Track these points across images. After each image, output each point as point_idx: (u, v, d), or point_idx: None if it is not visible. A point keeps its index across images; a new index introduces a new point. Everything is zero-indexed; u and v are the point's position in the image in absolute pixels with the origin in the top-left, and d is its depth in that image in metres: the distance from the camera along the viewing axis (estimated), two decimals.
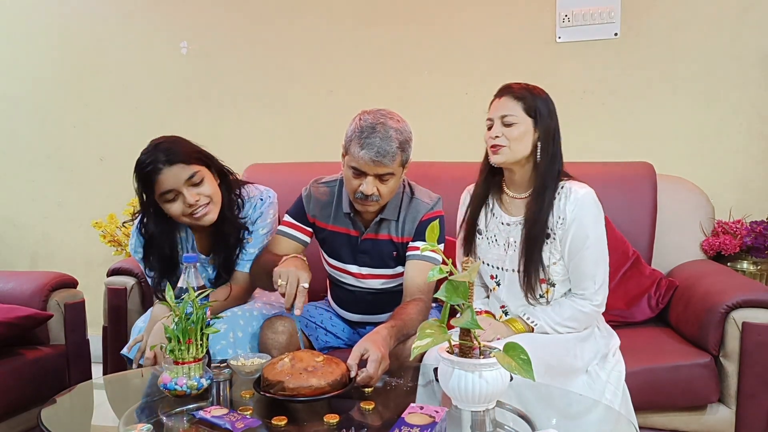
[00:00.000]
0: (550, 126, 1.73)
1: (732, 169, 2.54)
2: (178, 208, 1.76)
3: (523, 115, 1.71)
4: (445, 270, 1.30)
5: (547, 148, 1.72)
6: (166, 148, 1.77)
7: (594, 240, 1.70)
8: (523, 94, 1.72)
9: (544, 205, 1.71)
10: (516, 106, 1.71)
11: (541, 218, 1.71)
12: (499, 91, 1.78)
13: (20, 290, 2.18)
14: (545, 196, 1.71)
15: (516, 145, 1.70)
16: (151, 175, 1.74)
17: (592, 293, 1.70)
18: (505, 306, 1.82)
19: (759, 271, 2.34)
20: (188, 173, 1.75)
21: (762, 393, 1.80)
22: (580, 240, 1.70)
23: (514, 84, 1.76)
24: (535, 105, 1.71)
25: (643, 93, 2.60)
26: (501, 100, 1.74)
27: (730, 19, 2.50)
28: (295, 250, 1.91)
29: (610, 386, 1.68)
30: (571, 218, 1.70)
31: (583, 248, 1.70)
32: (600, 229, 1.73)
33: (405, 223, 1.87)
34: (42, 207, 3.26)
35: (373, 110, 1.77)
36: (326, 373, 1.39)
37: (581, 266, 1.70)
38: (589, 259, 1.70)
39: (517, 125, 1.70)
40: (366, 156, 1.69)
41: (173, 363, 1.41)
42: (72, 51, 3.15)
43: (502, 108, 1.73)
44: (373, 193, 1.74)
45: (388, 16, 2.83)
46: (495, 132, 1.72)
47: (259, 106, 2.99)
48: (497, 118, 1.72)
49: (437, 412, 1.20)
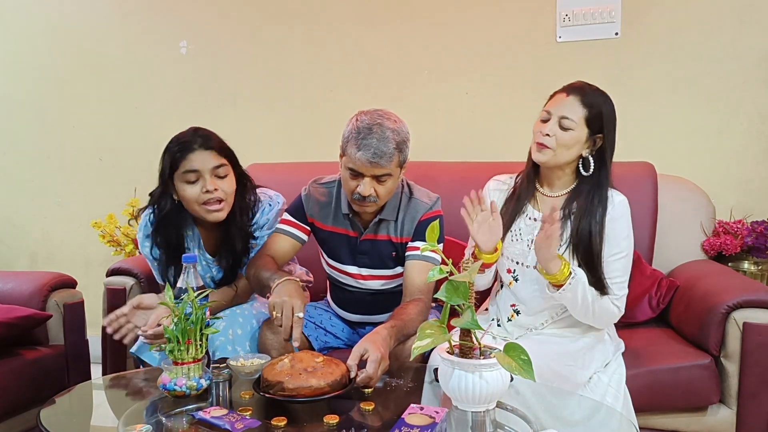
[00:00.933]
0: (609, 140, 1.68)
1: (733, 169, 2.54)
2: (195, 191, 1.77)
3: (582, 124, 1.65)
4: (445, 270, 1.29)
5: (603, 163, 1.68)
6: (205, 134, 1.82)
7: (624, 248, 1.69)
8: (592, 101, 1.65)
9: (596, 219, 1.67)
10: (580, 110, 1.65)
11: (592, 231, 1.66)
12: (567, 88, 1.70)
13: (19, 290, 2.17)
14: (596, 211, 1.67)
15: (563, 151, 1.67)
16: (183, 151, 1.77)
17: (615, 299, 1.69)
18: (516, 305, 1.80)
19: (760, 271, 2.34)
20: (217, 162, 1.79)
21: (763, 393, 1.79)
22: (612, 247, 1.68)
23: (586, 85, 1.69)
24: (602, 116, 1.65)
25: (643, 93, 2.59)
26: (568, 98, 1.67)
27: (731, 19, 2.49)
28: (292, 247, 1.91)
29: (611, 390, 1.67)
30: (606, 223, 1.68)
31: (611, 255, 1.68)
32: (631, 239, 1.71)
33: (404, 223, 1.86)
34: (41, 207, 3.25)
35: (370, 110, 1.76)
36: (326, 374, 1.38)
37: (607, 272, 1.68)
38: (617, 267, 1.69)
39: (572, 132, 1.65)
40: (363, 157, 1.69)
41: (173, 363, 1.41)
42: (72, 51, 3.15)
43: (566, 108, 1.66)
44: (371, 194, 1.74)
45: (388, 16, 2.83)
46: (548, 129, 1.66)
47: (259, 106, 2.98)
48: (556, 115, 1.66)
49: (437, 413, 1.20)
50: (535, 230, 1.74)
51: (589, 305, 1.66)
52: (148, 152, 3.10)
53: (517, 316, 1.79)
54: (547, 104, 1.72)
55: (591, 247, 1.67)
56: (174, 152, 1.78)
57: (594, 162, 1.68)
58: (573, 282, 1.62)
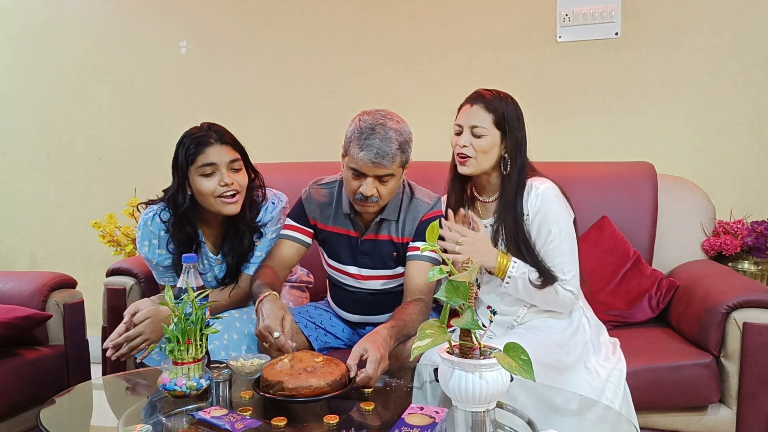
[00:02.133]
0: (518, 138, 1.75)
1: (733, 169, 2.54)
2: (212, 184, 1.78)
3: (493, 128, 1.73)
4: (445, 270, 1.29)
5: (515, 161, 1.75)
6: (219, 129, 1.84)
7: (557, 233, 1.72)
8: (495, 105, 1.74)
9: (516, 210, 1.74)
10: (487, 117, 1.73)
11: (517, 221, 1.74)
12: (470, 98, 1.79)
13: (19, 290, 2.17)
14: (516, 203, 1.74)
15: (483, 157, 1.74)
16: (199, 146, 1.78)
17: (564, 283, 1.72)
18: (491, 306, 1.80)
19: (760, 271, 2.33)
20: (232, 157, 1.81)
21: (763, 393, 1.79)
22: (544, 234, 1.72)
23: (486, 92, 1.77)
24: (505, 117, 1.73)
25: (643, 93, 2.60)
26: (472, 108, 1.76)
27: (731, 19, 2.49)
28: (297, 251, 1.92)
29: (611, 384, 1.68)
30: (534, 212, 1.73)
31: (547, 242, 1.72)
32: (563, 221, 1.73)
33: (405, 223, 1.86)
34: (41, 207, 3.25)
35: (372, 111, 1.76)
36: (326, 374, 1.38)
37: (548, 259, 1.72)
38: (555, 253, 1.72)
39: (485, 138, 1.73)
40: (365, 157, 1.69)
41: (172, 363, 1.41)
42: (72, 51, 3.15)
43: (473, 117, 1.74)
44: (373, 194, 1.74)
45: (388, 15, 2.83)
46: (463, 141, 1.74)
47: (259, 105, 2.98)
48: (467, 126, 1.75)
49: (437, 413, 1.20)
50: None
51: (534, 292, 1.71)
52: (148, 152, 3.11)
53: (495, 315, 1.82)
54: (456, 118, 1.79)
55: (520, 241, 1.73)
56: (189, 147, 1.79)
57: (511, 160, 1.75)
58: (511, 274, 1.71)
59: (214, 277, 1.96)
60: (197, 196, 1.82)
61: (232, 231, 1.90)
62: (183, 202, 1.81)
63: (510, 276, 1.72)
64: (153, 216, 1.88)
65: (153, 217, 1.88)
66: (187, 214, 1.84)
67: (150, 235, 1.88)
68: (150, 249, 1.89)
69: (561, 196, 1.76)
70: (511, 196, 1.75)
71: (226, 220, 1.89)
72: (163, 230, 1.88)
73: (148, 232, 1.88)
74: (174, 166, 1.83)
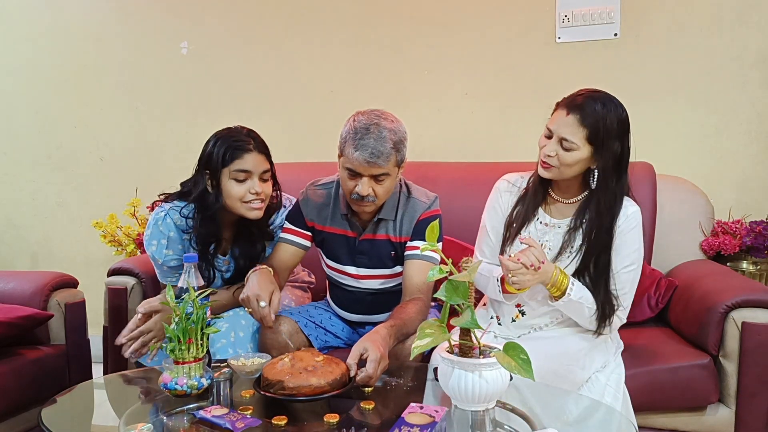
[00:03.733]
0: (615, 152, 1.63)
1: (731, 169, 2.55)
2: (242, 190, 1.79)
3: (584, 143, 1.61)
4: (445, 270, 1.30)
5: (609, 176, 1.64)
6: (257, 137, 1.86)
7: (634, 261, 1.69)
8: (592, 119, 1.60)
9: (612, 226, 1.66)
10: (580, 131, 1.60)
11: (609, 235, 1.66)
12: (568, 104, 1.65)
13: (20, 290, 2.17)
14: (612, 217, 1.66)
15: (566, 169, 1.65)
16: (238, 150, 1.79)
17: (620, 311, 1.69)
18: (521, 306, 1.79)
19: (759, 271, 2.34)
20: (266, 167, 1.84)
21: (762, 393, 1.80)
22: (622, 258, 1.68)
23: (585, 100, 1.62)
24: (600, 132, 1.60)
25: (642, 93, 2.60)
26: (567, 117, 1.62)
27: (730, 20, 2.50)
28: (294, 254, 1.94)
29: (610, 389, 1.67)
30: (617, 234, 1.67)
31: (622, 267, 1.68)
32: (641, 251, 1.70)
33: (402, 222, 1.87)
34: (42, 207, 3.26)
35: (367, 111, 1.77)
36: (326, 373, 1.39)
37: (616, 283, 1.68)
38: (626, 278, 1.69)
39: (574, 152, 1.62)
40: (360, 157, 1.70)
41: (174, 363, 1.42)
42: (72, 51, 3.15)
43: (565, 129, 1.62)
44: (369, 193, 1.75)
45: (388, 16, 2.83)
46: (550, 149, 1.64)
47: (259, 106, 2.99)
48: (557, 136, 1.63)
49: (437, 412, 1.21)
50: (545, 234, 1.75)
51: (585, 317, 1.67)
52: (149, 152, 3.12)
53: (522, 316, 1.79)
54: (551, 119, 1.69)
55: (601, 258, 1.67)
56: (228, 148, 1.79)
57: (604, 172, 1.65)
58: (570, 297, 1.63)
59: (221, 277, 1.96)
60: (224, 197, 1.82)
61: (245, 234, 1.92)
62: (215, 203, 1.81)
63: (568, 296, 1.63)
64: (164, 216, 1.88)
65: (164, 218, 1.88)
66: (216, 214, 1.84)
67: (159, 235, 1.88)
68: (158, 248, 1.89)
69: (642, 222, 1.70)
70: (606, 212, 1.65)
71: (240, 222, 1.89)
72: (173, 231, 1.88)
73: (158, 231, 1.88)
74: (205, 163, 1.82)
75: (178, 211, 1.87)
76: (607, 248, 1.67)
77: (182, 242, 1.90)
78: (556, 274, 1.62)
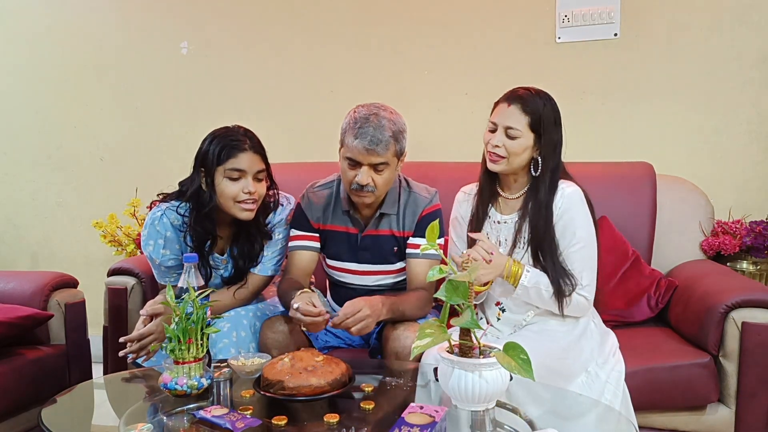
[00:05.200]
0: (552, 139, 1.73)
1: (731, 169, 2.55)
2: (235, 189, 1.79)
3: (528, 131, 1.71)
4: (445, 270, 1.30)
5: (549, 163, 1.73)
6: (253, 137, 1.86)
7: (581, 239, 1.72)
8: (533, 107, 1.71)
9: (548, 211, 1.72)
10: (523, 119, 1.71)
11: (548, 222, 1.72)
12: (508, 97, 1.75)
13: (21, 290, 2.18)
14: (548, 203, 1.73)
15: (515, 158, 1.72)
16: (234, 149, 1.80)
17: (579, 288, 1.72)
18: (500, 303, 1.83)
19: (758, 271, 2.34)
20: (260, 167, 1.83)
21: (761, 393, 1.80)
22: (567, 238, 1.72)
23: (524, 92, 1.74)
24: (541, 120, 1.71)
25: (642, 93, 2.60)
26: (509, 108, 1.73)
27: (730, 20, 2.50)
28: (311, 259, 1.95)
29: (610, 386, 1.68)
30: (559, 215, 1.72)
31: (569, 246, 1.72)
32: (589, 228, 1.74)
33: (405, 216, 1.90)
34: (42, 207, 3.26)
35: (367, 104, 1.82)
36: (326, 373, 1.39)
37: (568, 263, 1.72)
38: (576, 257, 1.72)
39: (519, 140, 1.71)
40: (360, 145, 1.73)
41: (174, 363, 1.42)
42: (72, 51, 3.15)
43: (509, 118, 1.71)
44: (368, 183, 1.77)
45: (388, 16, 2.83)
46: (496, 141, 1.72)
47: (259, 106, 2.99)
48: (501, 126, 1.72)
49: (437, 412, 1.20)
50: (500, 231, 1.81)
51: (546, 300, 1.71)
52: (149, 152, 3.12)
53: (503, 313, 1.83)
54: (492, 114, 1.77)
55: (545, 242, 1.72)
56: (222, 147, 1.80)
57: (545, 161, 1.73)
58: (523, 283, 1.69)
59: (220, 276, 1.96)
60: (216, 196, 1.82)
61: (244, 234, 1.92)
62: (209, 201, 1.82)
63: (522, 285, 1.70)
64: (161, 216, 1.88)
65: (161, 217, 1.88)
66: (211, 213, 1.85)
67: (156, 235, 1.88)
68: (155, 248, 1.89)
69: (585, 201, 1.75)
70: (544, 197, 1.73)
71: (238, 221, 1.89)
72: (170, 230, 1.88)
73: (155, 231, 1.88)
74: (201, 162, 1.83)
75: (175, 210, 1.87)
76: (549, 236, 1.72)
77: (179, 242, 1.90)
78: (509, 266, 1.70)
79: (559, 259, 1.71)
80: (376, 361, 1.85)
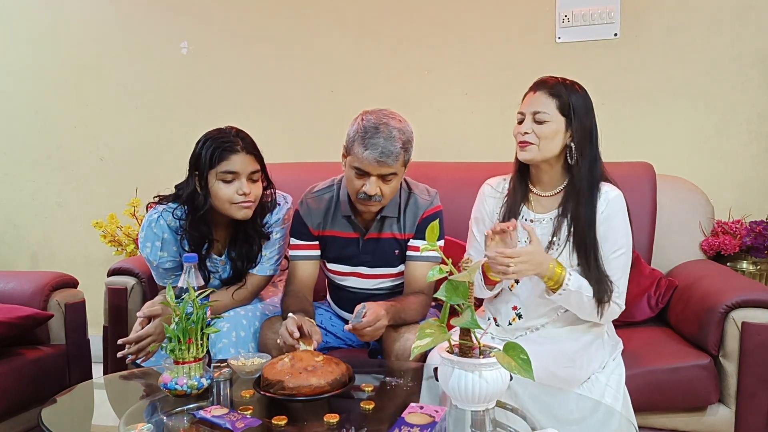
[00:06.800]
0: (585, 126, 1.67)
1: (731, 169, 2.55)
2: (230, 191, 1.79)
3: (556, 113, 1.65)
4: (445, 270, 1.30)
5: (583, 150, 1.67)
6: (246, 137, 1.85)
7: (622, 245, 1.67)
8: (559, 90, 1.66)
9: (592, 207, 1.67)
10: (550, 102, 1.66)
11: (591, 218, 1.66)
12: (534, 85, 1.71)
13: (21, 290, 2.18)
14: (591, 199, 1.67)
15: (546, 143, 1.66)
16: (226, 151, 1.79)
17: (616, 297, 1.68)
18: (518, 308, 1.78)
19: (759, 271, 2.34)
20: (254, 168, 1.82)
21: (762, 393, 1.79)
22: (609, 243, 1.67)
23: (550, 78, 1.70)
24: (570, 103, 1.65)
25: (642, 93, 2.60)
26: (535, 95, 1.68)
27: (730, 20, 2.50)
28: (314, 267, 1.94)
29: (610, 389, 1.67)
30: (600, 220, 1.67)
31: (610, 252, 1.67)
32: (629, 236, 1.70)
33: (406, 219, 1.89)
34: (42, 207, 3.26)
35: (375, 110, 1.77)
36: (326, 373, 1.39)
37: (607, 269, 1.67)
38: (615, 264, 1.67)
39: (548, 123, 1.65)
40: (370, 156, 1.70)
41: (174, 363, 1.42)
42: (72, 51, 3.15)
43: (535, 103, 1.67)
44: (377, 193, 1.75)
45: (388, 16, 2.83)
46: (525, 128, 1.67)
47: (259, 106, 2.99)
48: (529, 113, 1.67)
49: (437, 412, 1.21)
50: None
51: (585, 306, 1.65)
52: (149, 152, 3.12)
53: (519, 319, 1.78)
54: (520, 107, 1.73)
55: (588, 246, 1.66)
56: (215, 149, 1.79)
57: (580, 149, 1.67)
58: (567, 287, 1.61)
59: (218, 277, 1.96)
60: (211, 199, 1.82)
61: (242, 235, 1.91)
62: (203, 204, 1.81)
63: (565, 289, 1.61)
64: (157, 218, 1.88)
65: (157, 219, 1.88)
66: (207, 215, 1.84)
67: (153, 237, 1.88)
68: (152, 251, 1.89)
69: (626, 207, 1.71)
70: (586, 191, 1.66)
71: (235, 223, 1.89)
72: (167, 232, 1.88)
73: (152, 233, 1.88)
74: (194, 165, 1.83)
75: (171, 213, 1.87)
76: (592, 235, 1.66)
77: (176, 244, 1.90)
78: (553, 267, 1.61)
79: (601, 262, 1.66)
80: (376, 361, 1.85)
